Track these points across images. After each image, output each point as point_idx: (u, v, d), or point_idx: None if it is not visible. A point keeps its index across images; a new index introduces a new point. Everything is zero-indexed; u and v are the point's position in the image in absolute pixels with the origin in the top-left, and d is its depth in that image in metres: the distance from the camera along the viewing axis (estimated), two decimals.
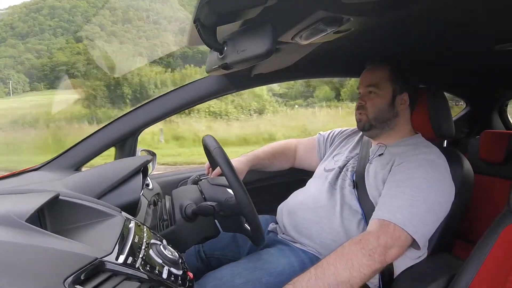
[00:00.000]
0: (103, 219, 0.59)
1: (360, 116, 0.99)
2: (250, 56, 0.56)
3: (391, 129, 0.98)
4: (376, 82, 0.97)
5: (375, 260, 0.72)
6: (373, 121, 0.97)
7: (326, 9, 0.55)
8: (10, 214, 0.48)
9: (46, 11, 41.74)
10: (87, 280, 0.44)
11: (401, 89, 0.97)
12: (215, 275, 0.82)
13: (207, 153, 0.95)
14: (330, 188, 0.96)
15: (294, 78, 1.38)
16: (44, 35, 38.79)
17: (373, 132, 0.99)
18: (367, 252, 0.73)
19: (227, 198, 0.79)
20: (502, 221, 0.69)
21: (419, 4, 0.61)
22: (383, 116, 0.97)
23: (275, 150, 1.22)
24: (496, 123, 1.70)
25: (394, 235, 0.76)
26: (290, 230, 0.95)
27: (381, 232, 0.76)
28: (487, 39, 0.87)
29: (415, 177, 0.83)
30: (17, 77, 29.45)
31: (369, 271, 0.72)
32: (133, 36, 38.79)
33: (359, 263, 0.72)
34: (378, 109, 0.96)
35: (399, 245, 0.76)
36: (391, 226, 0.77)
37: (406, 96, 0.97)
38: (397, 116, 0.98)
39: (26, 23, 40.32)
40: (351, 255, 0.73)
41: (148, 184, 0.98)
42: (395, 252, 0.75)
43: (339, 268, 0.71)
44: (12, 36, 38.09)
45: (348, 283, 0.70)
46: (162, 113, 1.10)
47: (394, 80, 0.96)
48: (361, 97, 0.99)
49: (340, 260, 0.73)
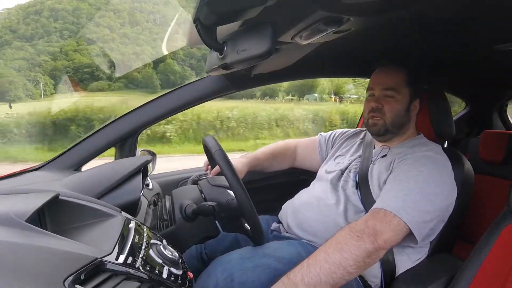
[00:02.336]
0: (103, 219, 0.60)
1: (376, 121, 0.96)
2: (250, 56, 0.56)
3: (403, 133, 0.98)
4: (395, 85, 0.94)
5: (365, 241, 0.73)
6: (390, 126, 0.95)
7: (326, 9, 0.55)
8: (10, 214, 0.48)
9: (47, 13, 41.75)
10: (87, 280, 0.44)
11: (415, 95, 0.96)
12: (224, 259, 0.81)
13: (207, 153, 0.95)
14: (332, 189, 0.97)
15: (294, 78, 1.38)
16: (51, 37, 38.81)
17: (386, 137, 0.98)
18: (355, 234, 0.74)
19: (229, 200, 0.79)
20: (502, 221, 0.69)
21: (419, 4, 0.62)
22: (400, 121, 0.95)
23: (274, 151, 1.23)
24: (496, 123, 1.70)
25: (385, 219, 0.76)
26: (294, 228, 0.95)
27: (369, 217, 0.77)
28: (487, 39, 0.87)
29: (411, 170, 0.83)
30: (44, 79, 29.41)
31: (360, 251, 0.72)
32: (147, 39, 38.96)
33: (348, 245, 0.72)
34: (396, 115, 0.94)
35: (391, 229, 0.75)
36: (381, 211, 0.77)
37: (418, 101, 0.97)
38: (410, 121, 0.98)
39: (29, 25, 40.32)
40: (339, 239, 0.74)
41: (148, 184, 0.98)
42: (388, 236, 0.74)
43: (329, 252, 0.72)
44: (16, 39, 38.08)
45: (340, 265, 0.71)
46: (162, 113, 1.10)
47: (411, 85, 0.95)
48: (377, 99, 0.96)
49: (329, 245, 0.74)
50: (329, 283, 0.70)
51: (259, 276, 0.77)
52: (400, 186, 0.81)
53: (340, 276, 0.71)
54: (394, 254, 0.86)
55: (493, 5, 0.64)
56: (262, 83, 1.23)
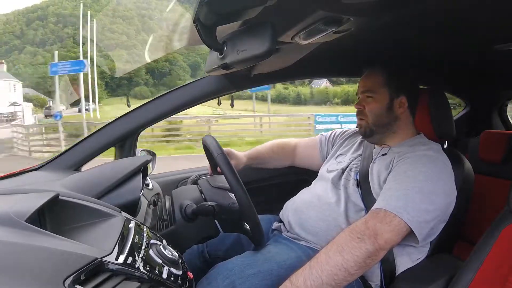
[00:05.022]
0: (103, 219, 0.60)
1: (360, 122, 1.00)
2: (250, 56, 0.56)
3: (393, 132, 0.98)
4: (372, 87, 0.98)
5: (365, 242, 0.73)
6: (373, 126, 0.97)
7: (326, 9, 0.55)
8: (10, 214, 0.48)
9: (53, 19, 41.58)
10: (87, 280, 0.44)
11: (398, 93, 0.97)
12: (225, 267, 0.81)
13: (207, 153, 0.95)
14: (333, 188, 0.97)
15: (294, 78, 1.38)
16: (65, 43, 38.65)
17: (375, 138, 0.99)
18: (356, 235, 0.74)
19: (231, 204, 0.80)
20: (502, 221, 0.69)
21: (418, 4, 0.61)
22: (382, 121, 0.97)
23: (275, 146, 1.25)
24: (496, 123, 1.70)
25: (385, 219, 0.76)
26: (295, 227, 0.96)
27: (369, 217, 0.78)
28: (487, 39, 0.87)
29: (411, 169, 0.84)
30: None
31: (361, 253, 0.73)
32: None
33: (349, 246, 0.73)
34: (376, 114, 0.97)
35: (391, 229, 0.75)
36: (381, 212, 0.77)
37: (404, 99, 0.97)
38: (397, 120, 0.98)
39: (37, 30, 40.15)
40: (340, 241, 0.75)
41: (148, 184, 0.98)
42: (389, 236, 0.75)
43: (331, 254, 0.73)
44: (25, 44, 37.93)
45: (342, 266, 0.71)
46: (162, 113, 1.10)
47: (389, 84, 0.97)
48: (359, 102, 1.00)
49: (330, 247, 0.75)
50: (331, 285, 0.71)
51: (261, 282, 0.77)
52: (400, 185, 0.82)
53: (342, 278, 0.72)
54: (395, 254, 0.86)
55: (492, 5, 0.64)
56: (262, 83, 1.23)
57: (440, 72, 1.32)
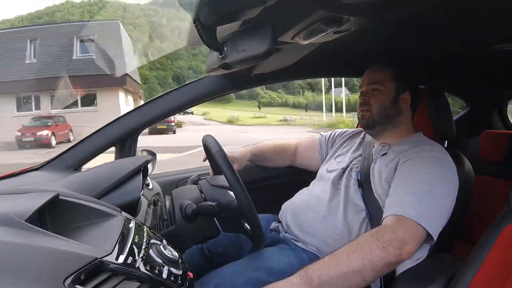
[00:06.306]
0: (103, 219, 0.60)
1: (363, 113, 0.99)
2: (250, 56, 0.56)
3: (394, 127, 0.99)
4: (380, 80, 0.98)
5: (389, 253, 0.71)
6: (377, 117, 0.97)
7: (326, 9, 0.55)
8: (10, 214, 0.48)
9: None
10: (87, 280, 0.44)
11: (403, 89, 0.98)
12: (217, 274, 0.82)
13: (207, 153, 0.95)
14: (333, 188, 0.97)
15: (294, 78, 1.38)
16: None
17: (376, 130, 0.99)
18: (381, 244, 0.71)
19: (229, 201, 0.79)
20: (502, 221, 0.69)
21: (418, 4, 0.61)
22: (387, 113, 0.97)
23: (276, 145, 1.26)
24: (496, 123, 1.70)
25: (411, 229, 0.74)
26: (293, 229, 0.95)
27: (397, 226, 0.75)
28: (487, 39, 0.87)
29: (421, 172, 0.83)
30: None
31: (382, 263, 0.70)
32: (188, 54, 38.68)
33: (372, 254, 0.71)
34: (381, 105, 0.97)
35: (415, 241, 0.74)
36: (408, 221, 0.75)
37: (408, 96, 0.98)
38: (400, 114, 0.98)
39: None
40: (365, 246, 0.72)
41: (148, 184, 0.98)
42: (412, 248, 0.73)
43: (352, 257, 0.71)
44: None
45: (359, 272, 0.70)
46: (162, 113, 1.10)
47: (397, 79, 0.98)
48: (364, 94, 1.00)
49: (354, 250, 0.72)
50: (343, 286, 0.70)
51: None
52: (414, 190, 0.80)
53: (357, 283, 0.70)
54: None
55: (492, 5, 0.64)
56: (262, 83, 1.23)
57: (440, 72, 1.32)
